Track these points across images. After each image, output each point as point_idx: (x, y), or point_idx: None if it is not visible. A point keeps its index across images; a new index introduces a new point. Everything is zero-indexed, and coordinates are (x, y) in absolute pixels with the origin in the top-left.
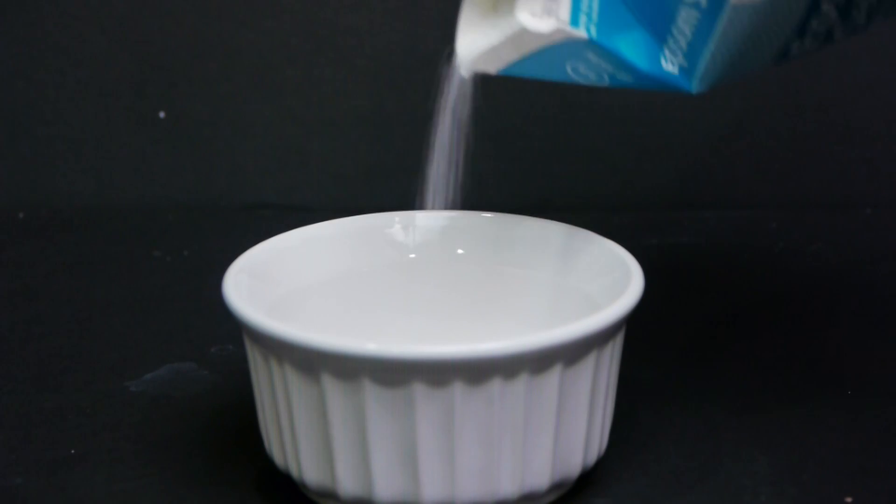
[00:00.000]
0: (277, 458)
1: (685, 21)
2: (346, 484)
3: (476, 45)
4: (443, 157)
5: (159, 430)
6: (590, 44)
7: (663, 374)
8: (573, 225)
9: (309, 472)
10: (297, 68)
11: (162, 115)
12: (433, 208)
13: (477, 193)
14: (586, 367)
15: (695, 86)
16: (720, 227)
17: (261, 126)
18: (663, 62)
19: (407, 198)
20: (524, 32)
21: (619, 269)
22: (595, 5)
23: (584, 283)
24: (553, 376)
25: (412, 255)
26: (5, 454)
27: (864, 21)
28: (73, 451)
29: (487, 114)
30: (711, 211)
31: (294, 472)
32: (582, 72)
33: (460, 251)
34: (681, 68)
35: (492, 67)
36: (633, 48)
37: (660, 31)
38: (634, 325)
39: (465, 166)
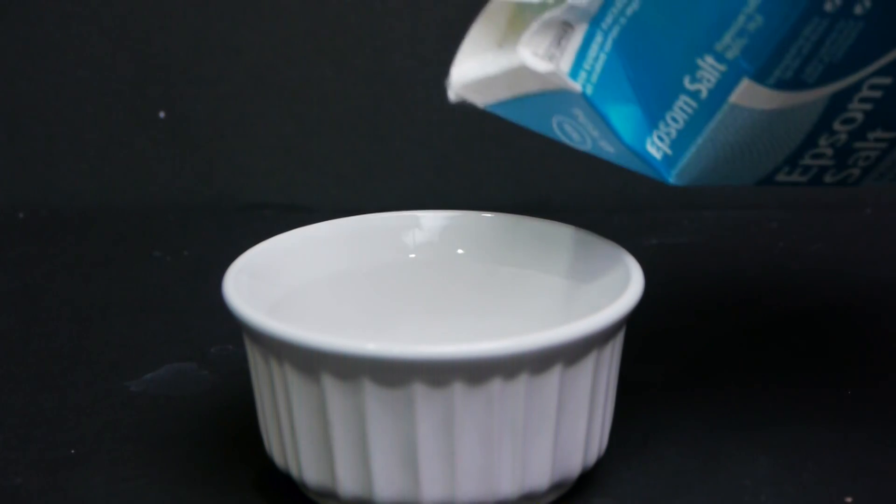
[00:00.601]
0: (277, 458)
1: (681, 109)
2: (346, 484)
3: (471, 72)
4: None
5: (159, 430)
6: (581, 100)
7: (663, 374)
8: (573, 225)
9: (309, 472)
10: (297, 68)
11: (162, 115)
12: None
13: (477, 193)
14: (586, 367)
15: (673, 177)
16: (720, 227)
17: (261, 126)
18: (648, 144)
19: (407, 198)
20: (522, 69)
21: (619, 269)
22: (597, 67)
23: (583, 282)
24: (553, 376)
25: (412, 255)
26: (5, 454)
27: (858, 174)
28: (73, 451)
29: (487, 114)
30: (711, 211)
31: (294, 472)
32: (567, 130)
33: (460, 251)
34: (664, 155)
35: (480, 99)
36: (622, 120)
37: (653, 115)
38: (634, 325)
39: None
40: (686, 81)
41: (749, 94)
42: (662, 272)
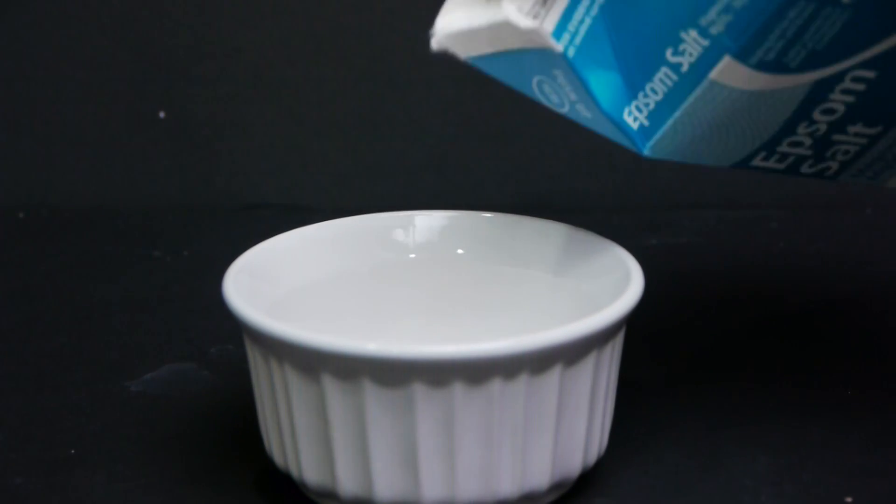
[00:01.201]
0: (277, 458)
1: (661, 80)
2: (346, 484)
3: (456, 23)
4: None
5: (159, 430)
6: (562, 61)
7: (663, 374)
8: (573, 225)
9: (309, 472)
10: (297, 68)
11: (162, 115)
12: None
13: (477, 193)
14: (586, 367)
15: (647, 148)
16: (720, 227)
17: (261, 126)
18: (626, 113)
19: (407, 198)
20: (506, 24)
21: (619, 269)
22: (581, 30)
23: (584, 283)
24: (553, 376)
25: (412, 255)
26: (5, 454)
27: (836, 168)
28: (73, 451)
29: (487, 114)
30: (711, 211)
31: (294, 472)
32: (546, 91)
33: (460, 251)
34: (641, 126)
35: (462, 51)
36: (602, 86)
37: (634, 84)
38: (634, 325)
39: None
40: (668, 54)
41: (730, 72)
42: (662, 272)
